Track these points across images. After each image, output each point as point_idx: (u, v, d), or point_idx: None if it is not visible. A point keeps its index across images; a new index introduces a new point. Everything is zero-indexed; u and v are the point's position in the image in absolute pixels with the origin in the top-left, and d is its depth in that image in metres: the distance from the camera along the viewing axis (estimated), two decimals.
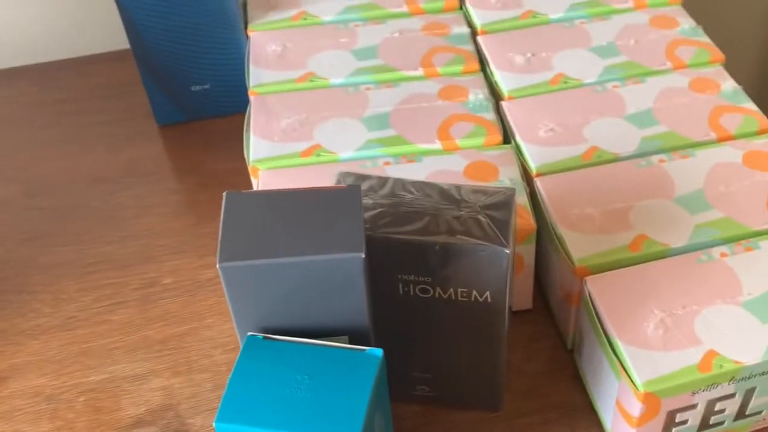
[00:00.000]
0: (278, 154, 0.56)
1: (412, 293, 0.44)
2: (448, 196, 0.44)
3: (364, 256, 0.37)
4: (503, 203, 0.43)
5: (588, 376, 0.50)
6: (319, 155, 0.56)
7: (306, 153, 0.56)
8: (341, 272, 0.37)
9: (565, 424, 0.51)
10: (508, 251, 0.41)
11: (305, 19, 0.67)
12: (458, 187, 0.44)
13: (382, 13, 0.67)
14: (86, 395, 0.55)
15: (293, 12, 0.67)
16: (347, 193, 0.39)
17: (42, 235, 0.66)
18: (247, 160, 0.57)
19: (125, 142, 0.73)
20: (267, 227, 0.38)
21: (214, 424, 0.36)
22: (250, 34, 0.66)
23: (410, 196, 0.44)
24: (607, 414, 0.48)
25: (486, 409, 0.51)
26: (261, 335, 0.39)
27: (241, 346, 0.39)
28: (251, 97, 0.61)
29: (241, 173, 0.65)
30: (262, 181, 0.55)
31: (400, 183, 0.45)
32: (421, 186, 0.44)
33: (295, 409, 0.36)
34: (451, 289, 0.44)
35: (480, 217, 0.43)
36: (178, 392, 0.55)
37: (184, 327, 0.58)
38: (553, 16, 0.65)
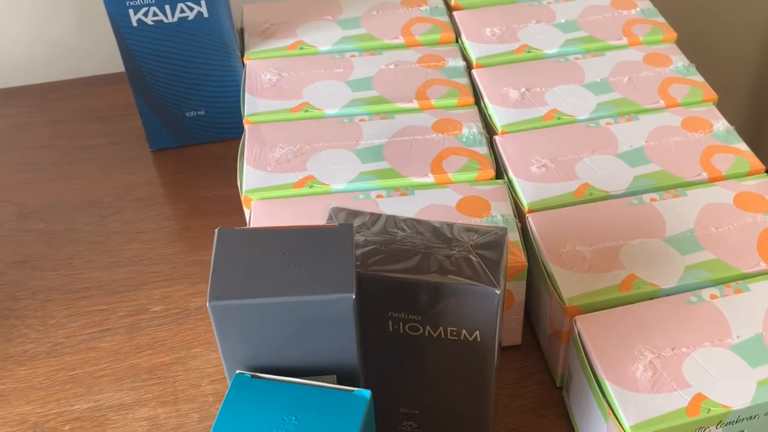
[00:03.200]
0: (271, 184, 0.56)
1: (401, 330, 0.44)
2: (440, 234, 0.44)
3: (354, 297, 0.37)
4: (495, 243, 0.43)
5: (576, 415, 0.50)
6: (311, 186, 0.56)
7: (299, 184, 0.56)
8: (331, 312, 0.37)
9: None
10: (498, 292, 0.41)
11: (301, 48, 0.67)
12: (450, 226, 0.44)
13: (378, 45, 0.67)
14: (71, 424, 0.54)
15: (290, 41, 0.68)
16: (339, 232, 0.39)
17: (32, 258, 0.65)
18: (240, 188, 0.57)
19: (118, 166, 0.73)
20: (258, 265, 0.38)
21: None
22: (246, 62, 0.67)
23: (402, 233, 0.44)
24: None
25: None
26: (249, 374, 0.39)
27: (229, 385, 0.39)
28: (246, 126, 0.61)
29: (233, 200, 0.65)
30: (254, 211, 0.55)
31: (393, 220, 0.45)
32: (414, 224, 0.44)
33: None
34: (441, 328, 0.44)
35: (471, 256, 0.43)
36: (165, 422, 0.54)
37: (172, 356, 0.58)
38: (548, 51, 0.66)
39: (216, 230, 0.40)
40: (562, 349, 0.51)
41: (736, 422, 0.44)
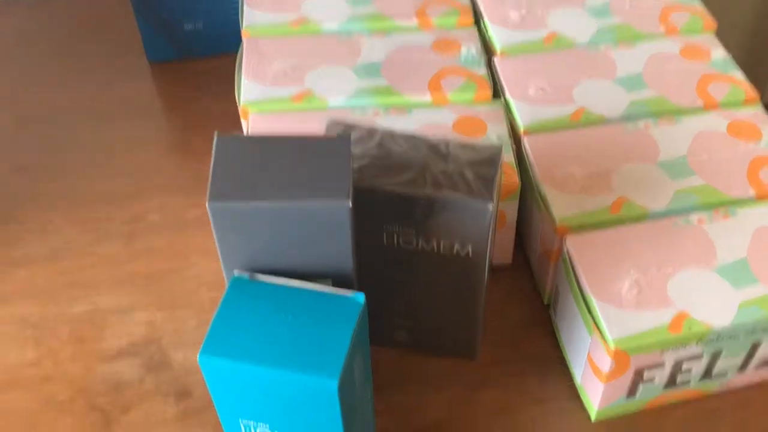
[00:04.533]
0: (269, 97, 0.56)
1: (396, 243, 0.45)
2: (436, 150, 0.45)
3: (351, 204, 0.37)
4: (489, 160, 0.44)
5: (562, 331, 0.52)
6: (309, 101, 0.56)
7: (297, 98, 0.56)
8: (328, 219, 0.38)
9: (538, 374, 0.52)
10: (491, 206, 0.42)
11: None
12: (446, 142, 0.45)
13: None
14: (70, 325, 0.56)
15: None
16: (338, 142, 0.40)
17: (32, 166, 0.66)
18: (237, 101, 0.58)
19: (117, 77, 0.73)
20: (257, 171, 0.38)
21: (198, 357, 0.37)
22: None
23: (398, 148, 0.45)
24: (578, 368, 0.50)
25: (462, 357, 0.53)
26: (247, 275, 0.40)
27: (227, 285, 0.40)
28: (244, 39, 0.61)
29: (230, 114, 0.65)
30: (252, 123, 0.56)
31: (389, 135, 0.45)
32: (410, 139, 0.45)
33: (278, 346, 0.37)
34: (434, 242, 0.45)
35: (466, 172, 0.43)
36: (162, 327, 0.56)
37: (170, 264, 0.59)
38: None
39: (215, 136, 0.40)
40: (551, 267, 0.52)
41: (717, 341, 0.46)
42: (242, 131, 0.59)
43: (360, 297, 0.39)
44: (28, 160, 0.66)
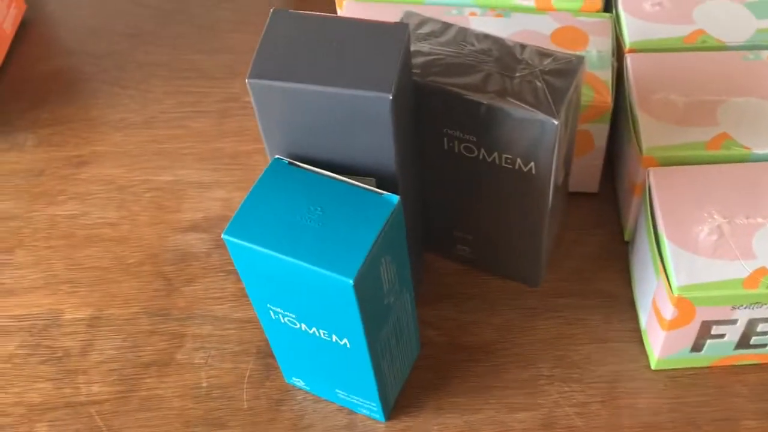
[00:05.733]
0: None
1: (456, 150, 0.43)
2: (510, 53, 0.41)
3: (391, 97, 0.35)
4: (567, 71, 0.40)
5: (634, 271, 0.48)
6: None
7: None
8: (368, 110, 0.36)
9: (602, 313, 0.49)
10: (557, 122, 0.39)
11: None
12: (523, 47, 0.41)
13: None
14: (153, 192, 0.57)
15: None
16: (394, 31, 0.37)
17: (142, 33, 0.67)
18: None
19: None
20: (305, 52, 0.37)
21: (222, 235, 0.37)
22: None
23: (470, 48, 0.42)
24: (644, 312, 0.46)
25: (524, 282, 0.50)
26: (287, 160, 0.39)
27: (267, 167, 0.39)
28: None
29: None
30: (344, 11, 0.54)
31: (463, 32, 0.42)
32: (485, 39, 0.42)
33: (301, 237, 0.36)
34: (496, 153, 0.42)
35: (537, 81, 0.40)
36: (237, 206, 0.56)
37: (256, 146, 0.59)
38: None
39: (271, 10, 0.39)
40: (634, 201, 0.48)
41: None
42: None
43: (393, 198, 0.37)
44: (139, 28, 0.67)
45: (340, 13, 0.55)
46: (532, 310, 0.49)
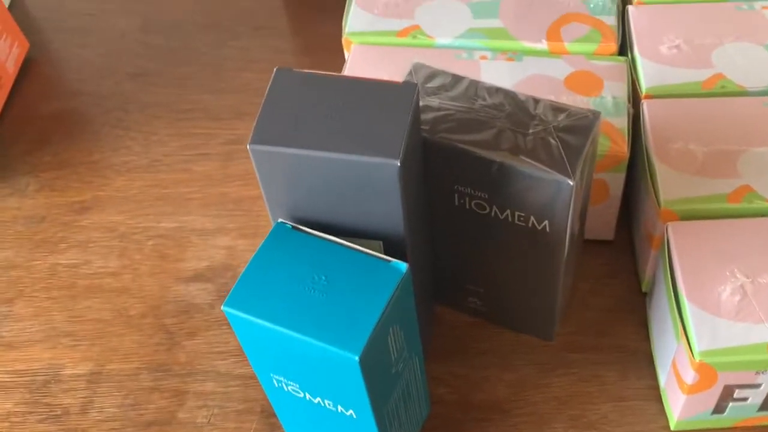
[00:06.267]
0: (374, 29, 0.53)
1: (467, 206, 0.41)
2: (523, 108, 0.40)
3: (399, 163, 0.34)
4: (582, 128, 0.39)
5: (652, 326, 0.46)
6: (415, 37, 0.52)
7: (403, 33, 0.52)
8: (376, 176, 0.34)
9: (618, 369, 0.47)
10: (572, 183, 0.37)
11: None
12: (537, 101, 0.40)
13: None
14: (155, 240, 0.56)
15: None
16: (402, 92, 0.36)
17: (148, 73, 0.66)
18: (343, 29, 0.54)
19: None
20: (309, 114, 0.35)
21: (222, 307, 0.36)
22: None
23: (482, 102, 0.40)
24: (663, 371, 0.44)
25: (538, 336, 0.48)
26: (290, 224, 0.37)
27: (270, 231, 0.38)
28: None
29: None
30: (353, 54, 0.52)
31: (475, 86, 0.41)
32: (496, 93, 0.40)
33: (305, 309, 0.34)
34: (508, 211, 0.40)
35: (551, 139, 0.38)
36: (241, 254, 0.55)
37: (260, 191, 0.58)
38: None
39: (274, 69, 0.37)
40: (651, 253, 0.46)
41: None
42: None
43: (401, 266, 0.35)
44: (144, 68, 0.66)
45: (347, 56, 0.53)
46: (546, 365, 0.48)
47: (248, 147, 0.35)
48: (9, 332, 0.52)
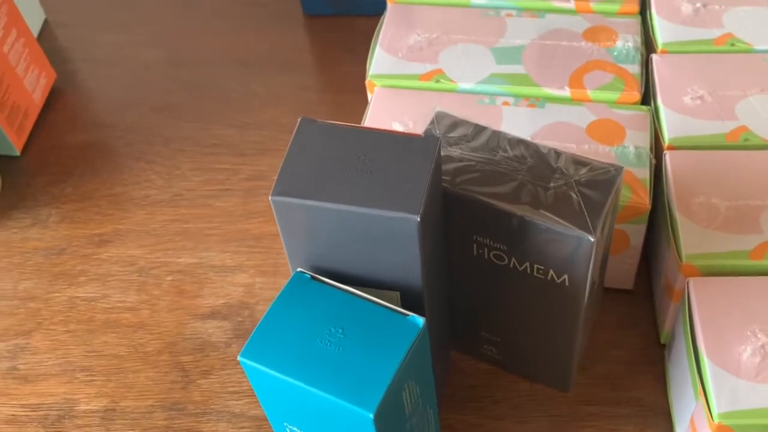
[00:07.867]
0: (398, 72, 0.53)
1: (486, 256, 0.41)
2: (544, 161, 0.39)
3: (419, 218, 0.34)
4: (604, 183, 0.38)
5: (671, 381, 0.46)
6: (438, 81, 0.52)
7: (426, 77, 0.52)
8: (395, 230, 0.34)
9: (635, 424, 0.46)
10: (593, 239, 0.37)
11: None
12: (558, 154, 0.40)
13: None
14: (174, 275, 0.56)
15: None
16: (424, 144, 0.36)
17: (173, 106, 0.66)
18: (366, 71, 0.54)
19: (271, 26, 0.72)
20: (330, 167, 0.35)
21: (238, 357, 0.35)
22: None
23: (503, 153, 0.40)
24: (681, 428, 0.44)
25: (554, 386, 0.48)
26: (309, 274, 0.37)
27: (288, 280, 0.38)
28: (388, 5, 0.58)
29: None
30: (375, 97, 0.52)
31: (497, 137, 0.41)
32: (518, 144, 0.40)
33: (320, 363, 0.34)
34: (527, 263, 0.40)
35: (572, 193, 0.38)
36: (259, 292, 0.55)
37: None
38: None
39: (299, 120, 0.38)
40: (671, 305, 0.46)
41: None
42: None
43: (419, 321, 0.35)
44: (169, 101, 0.67)
45: (370, 98, 0.53)
46: (562, 417, 0.47)
47: (270, 199, 0.35)
48: (25, 365, 0.52)
